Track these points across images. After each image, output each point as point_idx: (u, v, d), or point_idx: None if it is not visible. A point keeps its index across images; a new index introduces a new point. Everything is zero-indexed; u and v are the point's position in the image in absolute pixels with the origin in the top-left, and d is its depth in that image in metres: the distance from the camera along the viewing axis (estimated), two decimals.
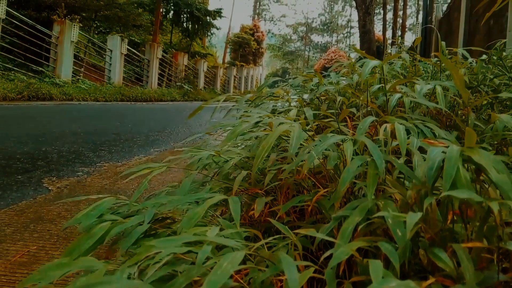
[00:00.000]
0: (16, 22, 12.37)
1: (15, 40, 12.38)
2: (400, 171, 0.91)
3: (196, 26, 23.73)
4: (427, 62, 1.93)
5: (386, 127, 0.93)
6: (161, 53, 20.19)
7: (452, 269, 0.59)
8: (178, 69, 22.50)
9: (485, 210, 0.66)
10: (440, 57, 1.16)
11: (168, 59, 21.81)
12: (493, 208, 0.56)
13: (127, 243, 0.80)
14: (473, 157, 0.67)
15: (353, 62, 2.17)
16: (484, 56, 1.76)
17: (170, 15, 23.88)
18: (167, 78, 21.82)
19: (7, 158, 3.25)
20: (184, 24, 23.96)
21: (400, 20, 20.04)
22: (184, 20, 23.79)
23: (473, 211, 0.72)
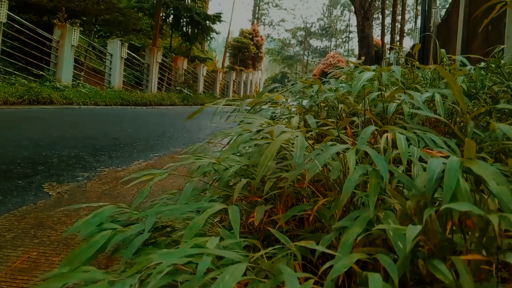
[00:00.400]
0: (17, 26, 12.40)
1: (16, 44, 12.40)
2: (399, 180, 0.92)
3: (196, 31, 23.81)
4: (426, 69, 1.94)
5: (388, 137, 0.94)
6: (161, 57, 20.22)
7: (451, 281, 0.60)
8: (178, 74, 22.54)
9: (485, 221, 0.66)
10: (438, 68, 1.17)
11: (168, 63, 21.86)
12: (493, 222, 0.56)
13: (128, 253, 0.80)
14: (473, 169, 0.67)
15: (352, 70, 2.18)
16: (483, 64, 1.78)
17: (170, 20, 24.00)
18: (167, 83, 21.86)
19: (8, 163, 3.25)
20: (184, 29, 24.05)
21: (399, 25, 20.14)
22: (184, 25, 23.88)
23: (472, 222, 0.72)
